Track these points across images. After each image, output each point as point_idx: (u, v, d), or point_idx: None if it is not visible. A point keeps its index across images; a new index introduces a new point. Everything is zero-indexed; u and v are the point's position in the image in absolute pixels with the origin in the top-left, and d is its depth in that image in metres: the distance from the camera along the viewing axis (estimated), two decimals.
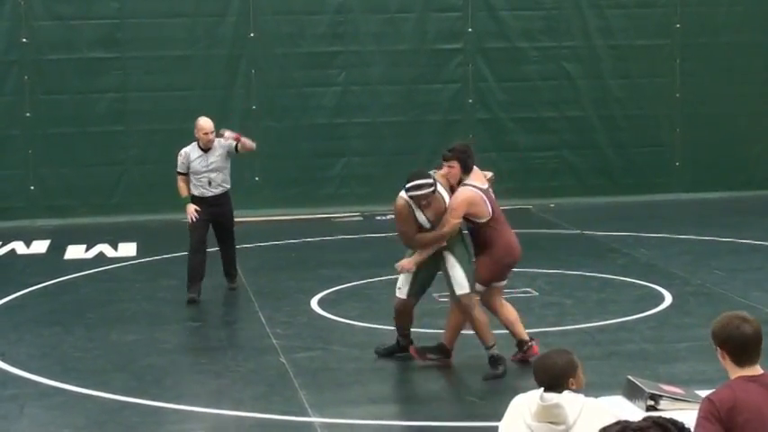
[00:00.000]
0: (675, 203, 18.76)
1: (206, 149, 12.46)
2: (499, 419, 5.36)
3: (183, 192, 12.50)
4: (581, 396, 5.29)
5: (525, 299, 12.20)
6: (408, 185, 9.56)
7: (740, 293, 12.05)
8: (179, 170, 12.53)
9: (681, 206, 18.55)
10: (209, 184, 12.38)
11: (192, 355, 10.31)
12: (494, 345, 9.53)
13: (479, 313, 9.59)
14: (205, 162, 12.40)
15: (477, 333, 9.60)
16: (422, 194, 9.43)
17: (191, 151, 12.50)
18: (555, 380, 5.34)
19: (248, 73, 18.23)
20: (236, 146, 12.51)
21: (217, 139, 12.45)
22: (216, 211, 12.43)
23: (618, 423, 3.59)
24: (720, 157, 19.14)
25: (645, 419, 3.59)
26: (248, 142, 12.64)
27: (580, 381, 5.42)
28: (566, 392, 5.27)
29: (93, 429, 8.56)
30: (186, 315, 11.82)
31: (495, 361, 9.47)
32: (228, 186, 12.56)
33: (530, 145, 18.83)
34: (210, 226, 12.53)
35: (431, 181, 9.53)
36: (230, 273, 12.85)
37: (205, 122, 12.55)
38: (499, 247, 9.67)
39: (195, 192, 12.44)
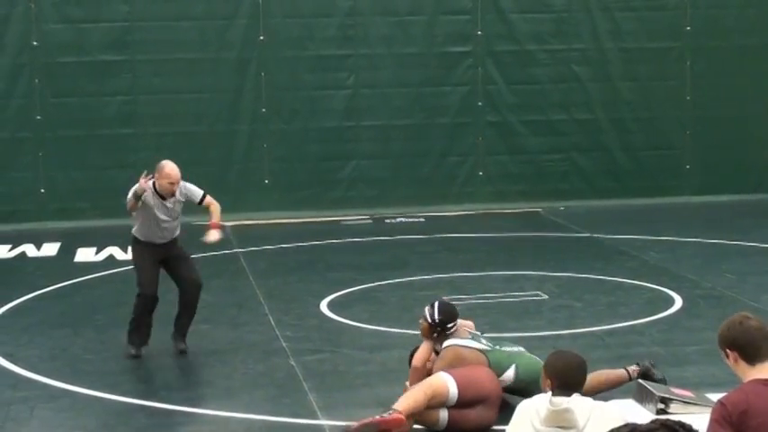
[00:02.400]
0: (685, 206, 18.72)
1: (164, 197, 10.52)
2: (506, 424, 5.36)
3: (131, 205, 10.43)
4: (590, 400, 5.29)
5: (535, 302, 12.19)
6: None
7: (751, 296, 12.02)
8: (129, 195, 10.44)
9: (691, 209, 18.52)
10: (160, 234, 10.52)
11: (201, 357, 10.31)
12: None
13: None
14: (163, 212, 10.49)
15: None
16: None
17: (148, 192, 10.41)
18: (583, 379, 5.33)
19: (258, 76, 18.24)
20: (202, 200, 10.81)
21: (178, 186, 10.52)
22: (166, 250, 10.58)
23: (626, 425, 3.60)
24: (731, 160, 19.10)
25: (653, 422, 3.59)
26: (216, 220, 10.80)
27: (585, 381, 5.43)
28: (575, 396, 5.26)
29: (102, 431, 8.58)
30: (195, 318, 11.78)
31: None
32: (178, 232, 10.78)
33: (539, 148, 18.82)
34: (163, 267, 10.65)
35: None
36: (182, 332, 10.66)
37: (172, 170, 10.46)
38: None
39: (141, 235, 10.52)
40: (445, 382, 8.11)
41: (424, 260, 14.62)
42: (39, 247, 16.10)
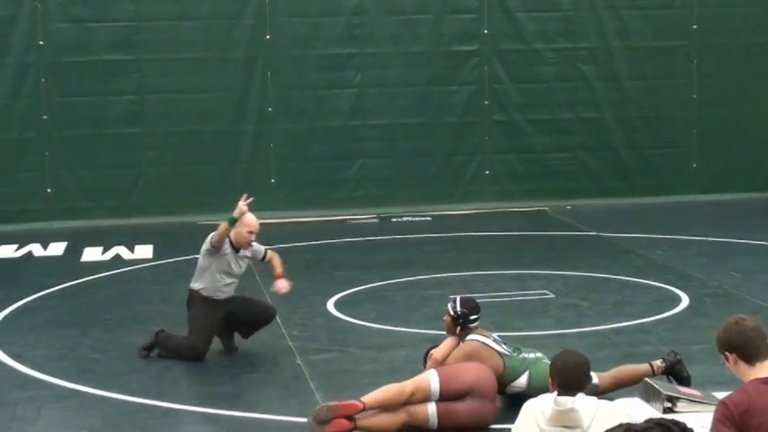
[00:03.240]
0: (692, 205, 18.71)
1: (238, 249, 10.32)
2: (511, 423, 5.36)
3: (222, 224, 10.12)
4: (594, 399, 5.29)
5: (542, 301, 12.18)
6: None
7: (757, 295, 12.01)
8: (208, 241, 10.20)
9: (697, 208, 18.51)
10: (224, 288, 10.31)
11: (208, 356, 10.31)
12: None
13: None
14: (235, 264, 10.27)
15: None
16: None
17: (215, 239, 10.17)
18: (586, 378, 5.35)
19: (264, 75, 18.25)
20: (264, 256, 10.52)
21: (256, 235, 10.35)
22: (227, 305, 10.32)
23: (621, 425, 3.60)
24: (737, 159, 19.09)
25: (647, 421, 3.60)
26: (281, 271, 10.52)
27: (591, 380, 5.43)
28: (579, 395, 5.27)
29: (110, 431, 8.58)
30: None
31: None
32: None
33: (546, 147, 18.82)
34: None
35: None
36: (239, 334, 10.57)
37: (252, 219, 10.23)
38: None
39: (205, 290, 10.25)
40: (428, 377, 8.15)
41: (431, 259, 14.62)
42: (45, 247, 16.12)
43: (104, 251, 15.65)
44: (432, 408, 8.13)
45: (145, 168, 18.13)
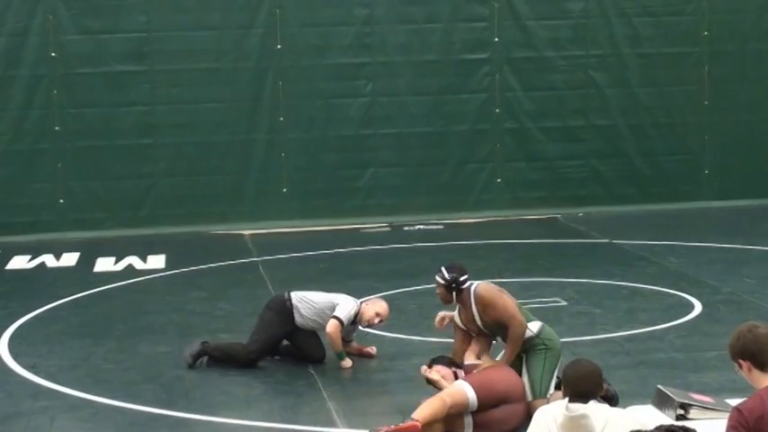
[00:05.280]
0: (704, 211, 18.67)
1: (354, 325, 10.38)
2: (524, 430, 5.35)
3: (339, 345, 10.18)
4: (605, 406, 5.29)
5: (554, 308, 12.16)
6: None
7: None
8: (343, 319, 10.18)
9: (710, 214, 18.47)
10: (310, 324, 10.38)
11: (220, 366, 10.31)
12: None
13: None
14: (346, 331, 10.32)
15: None
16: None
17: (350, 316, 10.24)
18: (596, 387, 5.34)
19: (275, 85, 18.27)
20: (341, 355, 10.27)
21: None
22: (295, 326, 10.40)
23: None
24: (750, 165, 19.05)
25: (657, 428, 3.59)
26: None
27: (603, 389, 5.43)
28: (591, 402, 5.26)
29: None
30: (215, 327, 11.84)
31: None
32: None
33: (558, 154, 18.80)
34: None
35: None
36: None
37: (386, 308, 10.42)
38: None
39: (297, 312, 10.41)
40: (463, 390, 8.11)
41: None
42: (58, 258, 16.16)
43: (117, 261, 15.67)
44: (468, 419, 8.13)
45: (157, 179, 18.16)
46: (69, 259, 16.07)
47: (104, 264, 15.61)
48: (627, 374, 9.53)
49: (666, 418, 7.29)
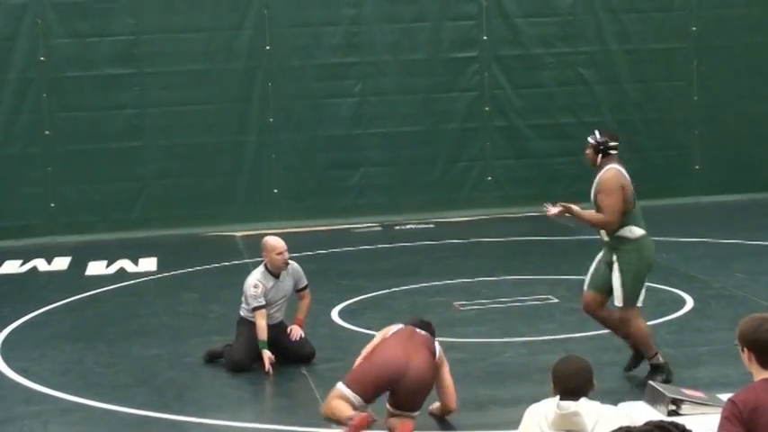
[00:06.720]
0: (695, 206, 18.70)
1: (277, 275, 10.38)
2: (515, 428, 5.36)
3: (263, 333, 10.06)
4: (597, 403, 5.30)
5: (546, 306, 12.18)
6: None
7: (762, 296, 12.00)
8: (257, 304, 10.10)
9: (700, 209, 18.50)
10: (273, 316, 10.29)
11: (213, 368, 10.32)
12: (655, 354, 9.24)
13: (638, 324, 9.23)
14: (278, 291, 10.28)
15: (638, 344, 9.33)
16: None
17: (263, 280, 10.23)
18: (586, 384, 5.34)
19: (265, 85, 18.28)
20: (302, 289, 10.51)
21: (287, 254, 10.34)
22: (274, 332, 10.27)
23: (620, 429, 3.60)
24: (739, 160, 19.09)
25: (647, 423, 3.59)
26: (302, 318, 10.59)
27: (594, 386, 5.43)
28: (582, 399, 5.27)
29: None
30: (207, 329, 11.85)
31: (655, 369, 9.18)
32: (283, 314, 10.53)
33: (548, 151, 18.83)
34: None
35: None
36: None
37: (277, 241, 10.33)
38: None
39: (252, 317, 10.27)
40: (340, 390, 8.22)
41: (435, 266, 14.62)
42: (50, 262, 16.15)
43: (108, 265, 15.66)
44: (387, 407, 8.25)
45: (147, 181, 18.16)
46: (61, 263, 16.06)
47: (96, 267, 15.60)
48: (618, 371, 9.54)
49: (658, 414, 7.30)
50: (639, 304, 9.26)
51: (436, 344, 8.56)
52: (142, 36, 17.98)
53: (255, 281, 10.19)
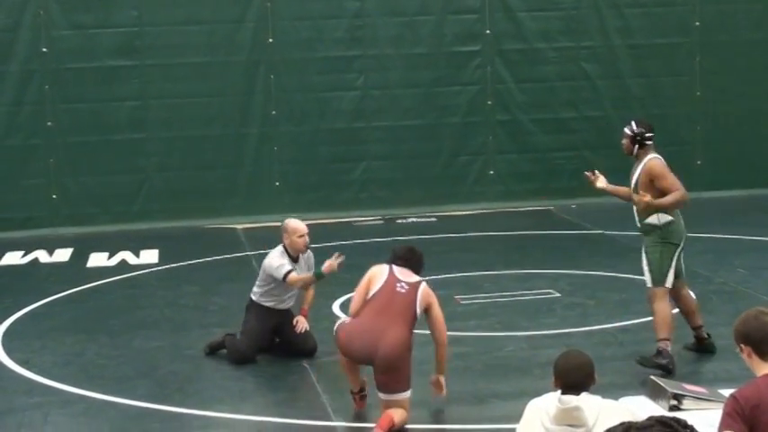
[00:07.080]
0: (697, 202, 18.57)
1: (296, 258, 10.40)
2: (516, 422, 5.35)
3: (308, 277, 10.30)
4: (598, 397, 5.29)
5: (547, 300, 12.18)
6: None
7: (763, 291, 12.00)
8: (286, 270, 10.11)
9: (702, 204, 18.43)
10: (284, 298, 10.40)
11: (214, 361, 10.32)
12: (665, 339, 9.32)
13: (661, 306, 9.43)
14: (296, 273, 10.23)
15: (654, 324, 9.48)
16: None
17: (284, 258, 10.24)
18: (587, 378, 5.34)
19: (267, 78, 18.27)
20: (318, 273, 10.30)
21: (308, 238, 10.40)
22: (282, 317, 10.40)
23: (622, 424, 3.59)
24: (742, 155, 19.07)
25: (648, 419, 3.58)
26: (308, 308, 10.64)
27: (595, 380, 5.43)
28: (583, 394, 5.26)
29: None
30: (208, 321, 11.85)
31: (659, 353, 9.27)
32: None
33: (550, 146, 18.81)
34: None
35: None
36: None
37: (298, 224, 10.47)
38: None
39: (265, 300, 10.35)
40: (335, 330, 8.60)
41: (436, 260, 14.54)
42: (51, 253, 16.15)
43: (110, 256, 15.66)
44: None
45: (149, 173, 18.15)
46: (62, 255, 16.06)
47: (97, 259, 15.60)
48: (620, 366, 9.55)
49: (660, 409, 7.31)
50: (668, 285, 9.50)
51: (420, 286, 8.56)
52: (145, 28, 17.97)
53: (279, 253, 10.24)
